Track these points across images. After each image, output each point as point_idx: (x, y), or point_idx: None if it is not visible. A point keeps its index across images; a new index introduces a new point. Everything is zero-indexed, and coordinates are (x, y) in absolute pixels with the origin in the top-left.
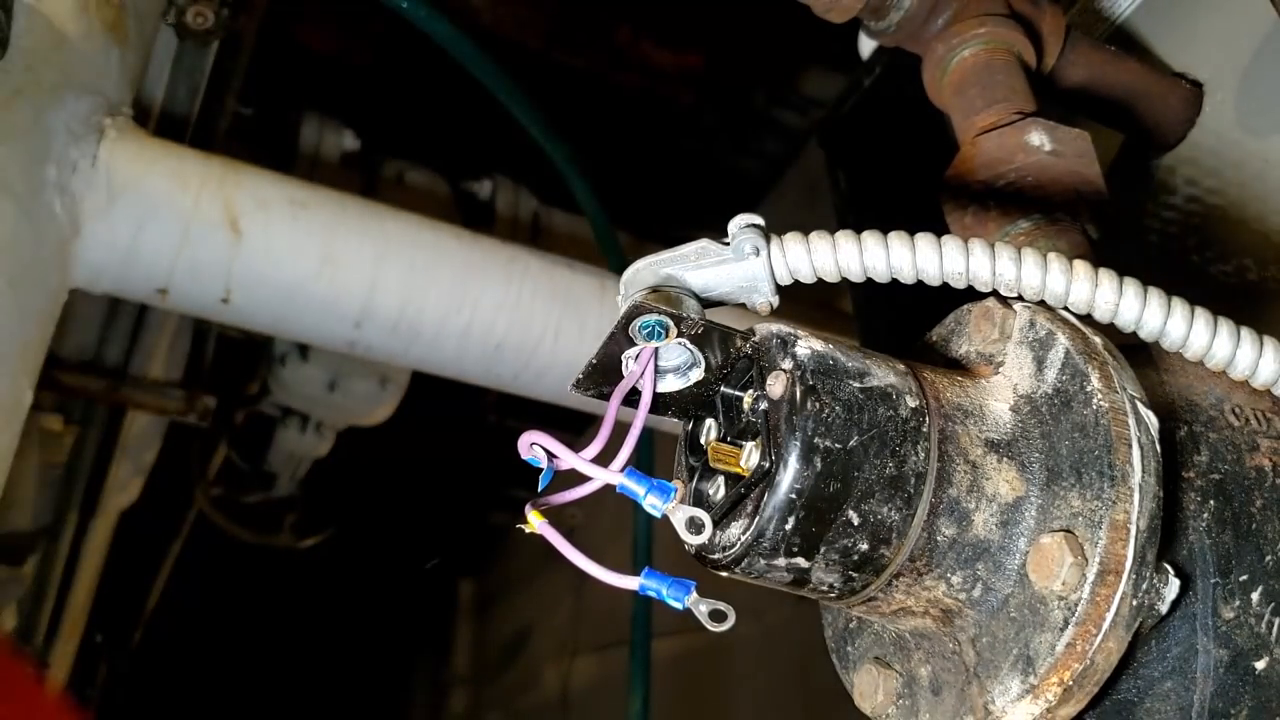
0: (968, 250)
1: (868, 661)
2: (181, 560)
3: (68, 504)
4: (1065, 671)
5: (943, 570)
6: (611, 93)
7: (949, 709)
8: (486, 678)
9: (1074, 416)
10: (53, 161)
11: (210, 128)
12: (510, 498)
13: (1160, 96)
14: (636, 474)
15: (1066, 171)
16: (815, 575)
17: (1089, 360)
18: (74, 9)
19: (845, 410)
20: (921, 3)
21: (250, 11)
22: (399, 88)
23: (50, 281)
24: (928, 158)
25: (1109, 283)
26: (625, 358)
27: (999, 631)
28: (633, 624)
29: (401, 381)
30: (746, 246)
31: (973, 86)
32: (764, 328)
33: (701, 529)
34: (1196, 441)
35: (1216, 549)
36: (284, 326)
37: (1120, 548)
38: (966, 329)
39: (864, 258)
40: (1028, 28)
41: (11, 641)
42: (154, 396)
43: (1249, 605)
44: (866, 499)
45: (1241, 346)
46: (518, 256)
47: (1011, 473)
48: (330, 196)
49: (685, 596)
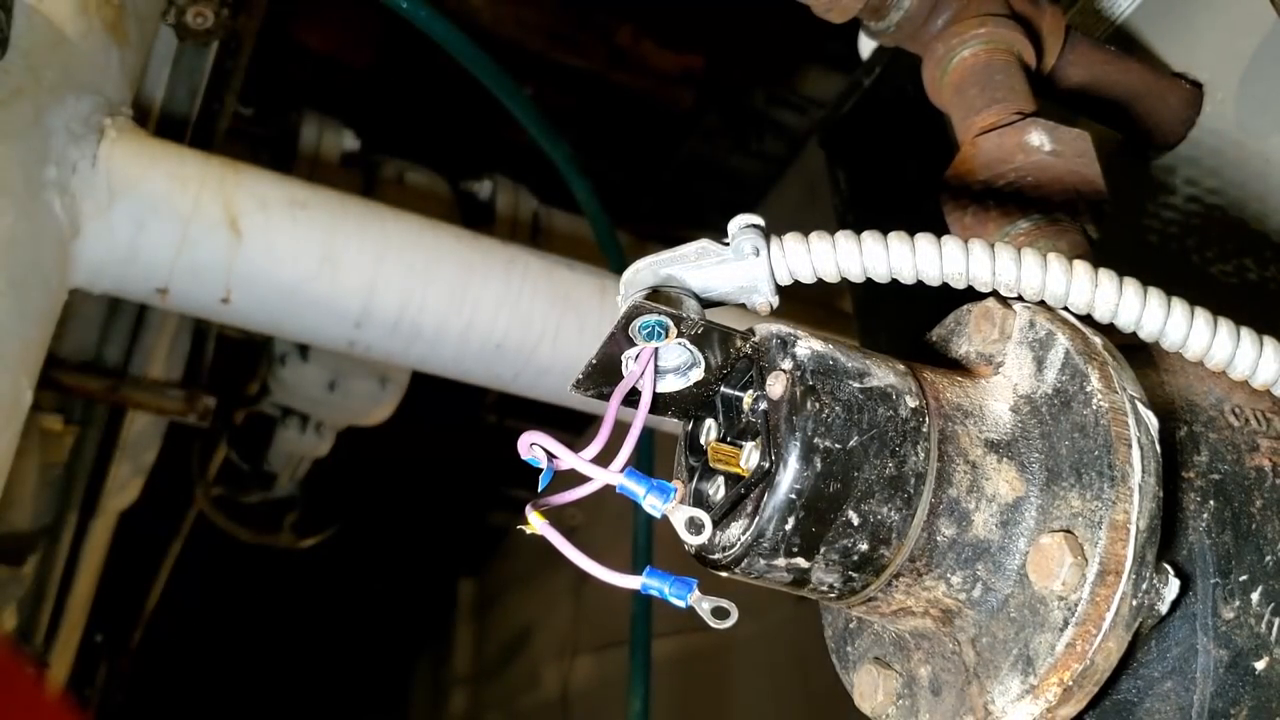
0: (968, 250)
1: (868, 662)
2: (181, 560)
3: (68, 504)
4: (1065, 672)
5: (943, 570)
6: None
7: (949, 709)
8: (486, 678)
9: (1074, 417)
10: (52, 161)
11: (210, 128)
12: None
13: (1160, 96)
14: (636, 474)
15: (1066, 171)
16: (815, 575)
17: (1089, 360)
18: (74, 9)
19: (845, 410)
20: (921, 3)
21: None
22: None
23: (50, 281)
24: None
25: (1109, 283)
26: (625, 358)
27: (999, 632)
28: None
29: (401, 381)
30: (746, 247)
31: (972, 86)
32: (764, 328)
33: (701, 529)
34: (1196, 442)
35: (1216, 549)
36: (284, 326)
37: (1120, 548)
38: (966, 329)
39: (864, 258)
40: (1028, 28)
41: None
42: (154, 396)
43: (1249, 605)
44: (866, 499)
45: (1241, 347)
46: (518, 256)
47: (1011, 473)
48: (330, 196)
49: (688, 595)
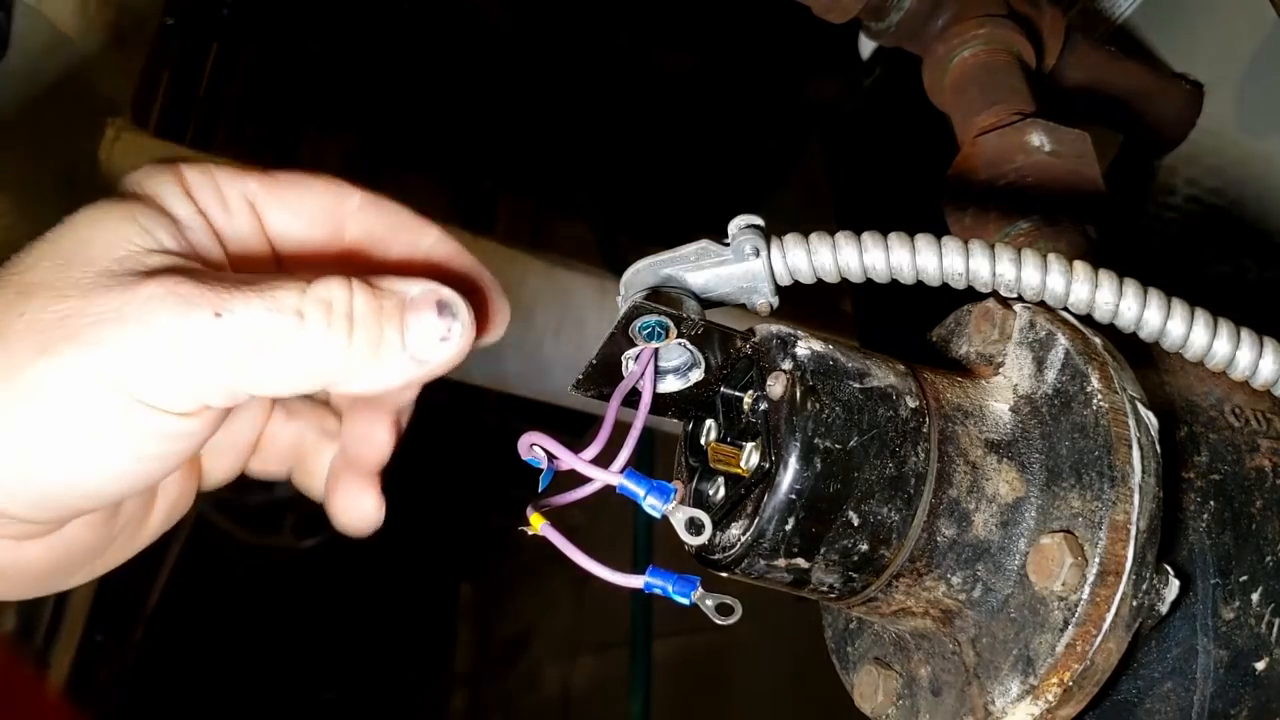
0: (968, 251)
1: (868, 662)
2: (181, 560)
3: None
4: (1065, 672)
5: (943, 571)
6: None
7: (949, 709)
8: (487, 678)
9: (1074, 417)
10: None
11: (210, 128)
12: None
13: (1160, 97)
14: (636, 475)
15: (1066, 172)
16: (815, 576)
17: (1089, 361)
18: (74, 9)
19: (845, 411)
20: (921, 3)
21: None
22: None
23: None
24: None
25: (1109, 283)
26: (625, 358)
27: (999, 632)
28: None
29: None
30: (746, 247)
31: (973, 87)
32: (764, 328)
33: (701, 529)
34: (1196, 442)
35: (1216, 549)
36: None
37: (1120, 548)
38: (966, 329)
39: (864, 258)
40: (1028, 28)
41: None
42: None
43: (1249, 606)
44: (866, 499)
45: (1241, 347)
46: (518, 257)
47: (1011, 473)
48: None
49: (691, 593)
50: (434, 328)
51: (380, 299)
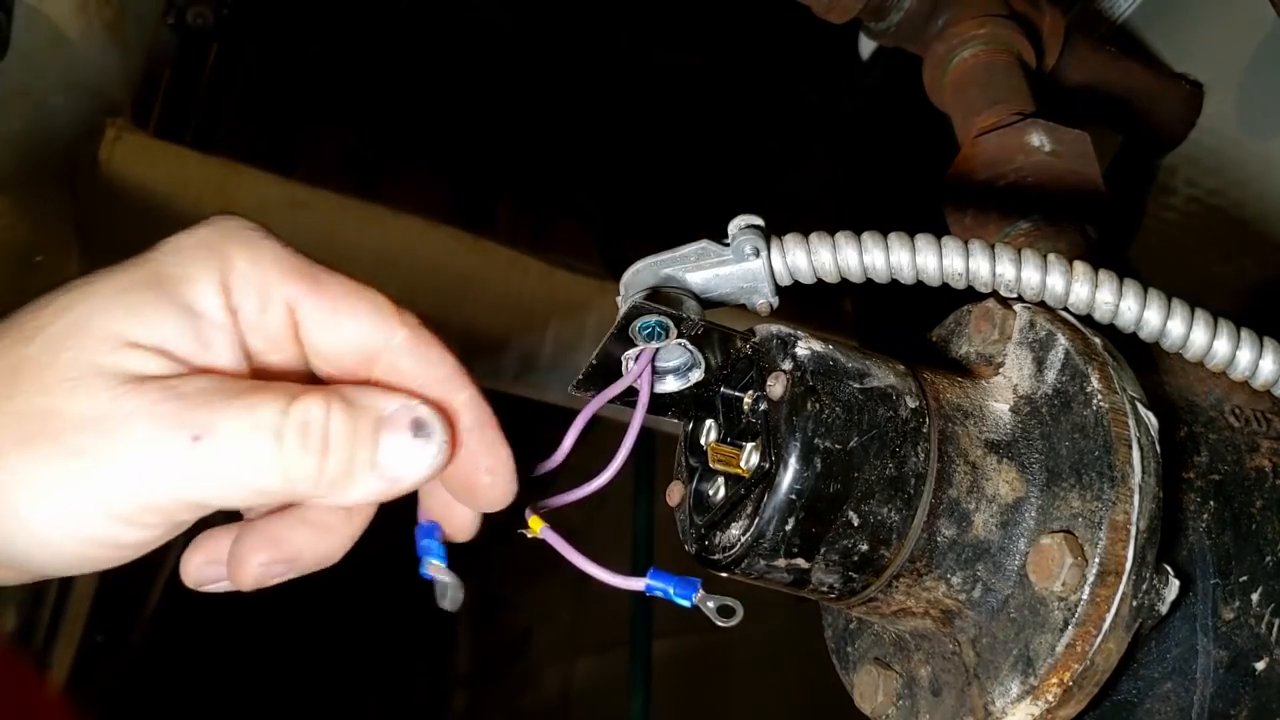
0: (968, 251)
1: (868, 662)
2: None
3: None
4: (1065, 672)
5: (943, 571)
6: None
7: (949, 710)
8: (487, 678)
9: (1074, 417)
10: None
11: (210, 128)
12: None
13: (1160, 97)
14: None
15: (1066, 171)
16: (815, 576)
17: (1089, 361)
18: (74, 9)
19: (845, 411)
20: (921, 3)
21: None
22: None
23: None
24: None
25: (1109, 283)
26: (625, 358)
27: (999, 632)
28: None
29: None
30: (746, 247)
31: (973, 87)
32: (764, 328)
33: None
34: (1196, 442)
35: (1216, 550)
36: None
37: (1120, 549)
38: (966, 329)
39: (864, 258)
40: (1028, 28)
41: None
42: None
43: (1249, 606)
44: (866, 500)
45: (1241, 347)
46: (518, 258)
47: (1011, 473)
48: (330, 197)
49: (693, 595)
50: (407, 447)
51: (356, 419)
